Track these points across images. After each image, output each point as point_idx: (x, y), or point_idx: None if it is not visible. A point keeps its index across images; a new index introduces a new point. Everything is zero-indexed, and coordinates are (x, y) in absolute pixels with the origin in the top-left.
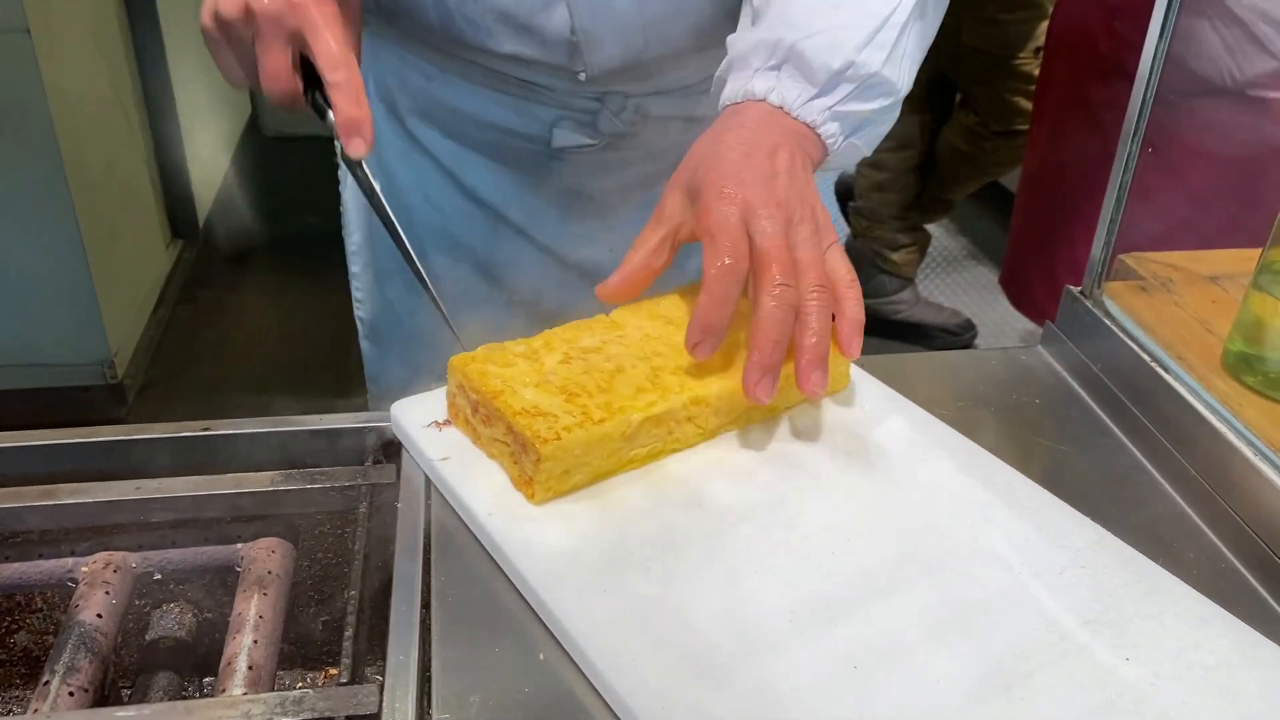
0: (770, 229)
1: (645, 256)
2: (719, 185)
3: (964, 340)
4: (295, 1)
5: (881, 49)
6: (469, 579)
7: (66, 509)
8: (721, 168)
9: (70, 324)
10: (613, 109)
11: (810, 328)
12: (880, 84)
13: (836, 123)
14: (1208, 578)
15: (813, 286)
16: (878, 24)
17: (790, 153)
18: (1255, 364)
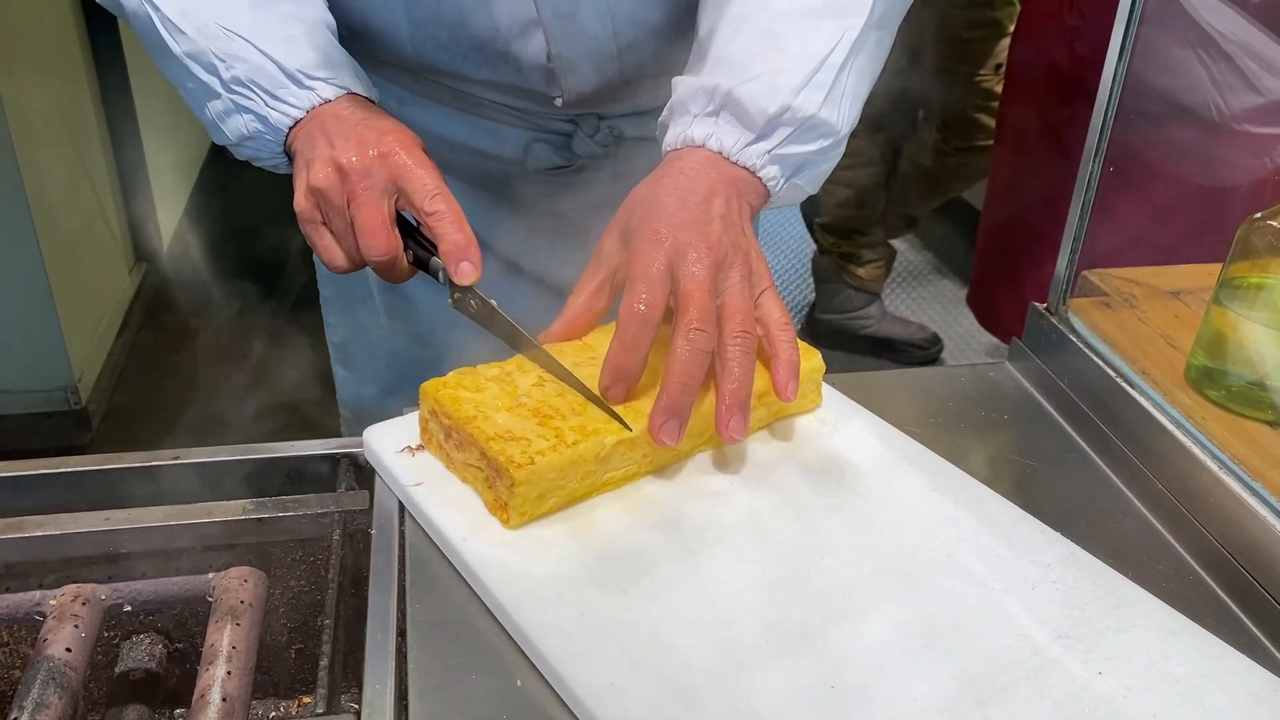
0: (697, 272)
1: (585, 300)
2: (651, 229)
3: (930, 354)
4: (385, 151)
5: (819, 90)
6: (445, 605)
7: (34, 541)
8: (656, 212)
9: (32, 349)
10: (587, 131)
11: (731, 373)
12: (818, 125)
13: (776, 165)
14: (1176, 590)
15: (736, 332)
16: (814, 66)
17: (726, 199)
18: (1218, 378)
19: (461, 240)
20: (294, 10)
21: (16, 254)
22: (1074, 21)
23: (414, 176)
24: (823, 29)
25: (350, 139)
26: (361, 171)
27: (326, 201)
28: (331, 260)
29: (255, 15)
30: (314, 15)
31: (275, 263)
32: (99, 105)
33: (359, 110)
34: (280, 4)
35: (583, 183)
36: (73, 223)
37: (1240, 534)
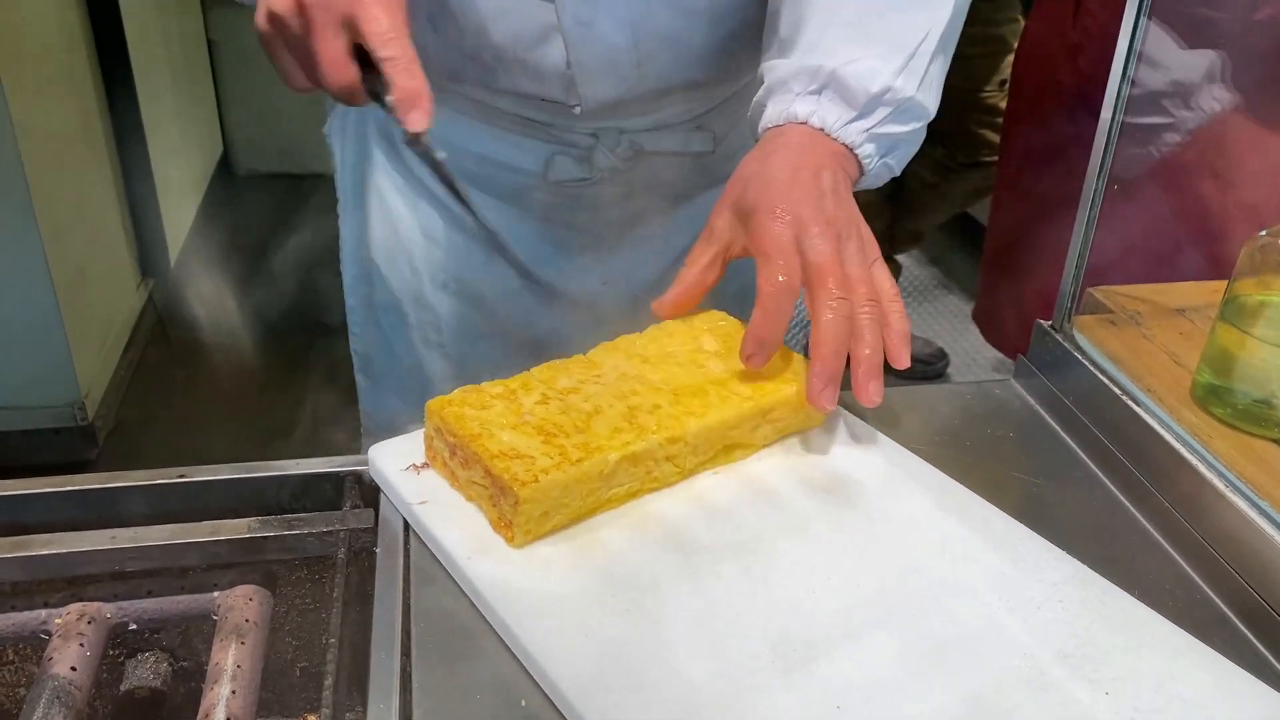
0: (822, 246)
1: (698, 273)
2: (770, 205)
3: (937, 370)
4: None
5: (914, 75)
6: (450, 625)
7: (40, 560)
8: (771, 188)
9: (40, 365)
10: (608, 144)
11: (864, 340)
12: (914, 108)
13: (873, 144)
14: (1183, 609)
15: (864, 300)
16: (910, 52)
17: (833, 173)
18: (1224, 396)
19: (412, 88)
20: None
21: (24, 270)
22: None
23: (370, 16)
24: (913, 20)
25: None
26: (320, 5)
27: (285, 28)
28: (291, 82)
29: None
30: None
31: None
32: (107, 123)
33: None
34: None
35: (604, 196)
36: (80, 240)
37: (1248, 553)
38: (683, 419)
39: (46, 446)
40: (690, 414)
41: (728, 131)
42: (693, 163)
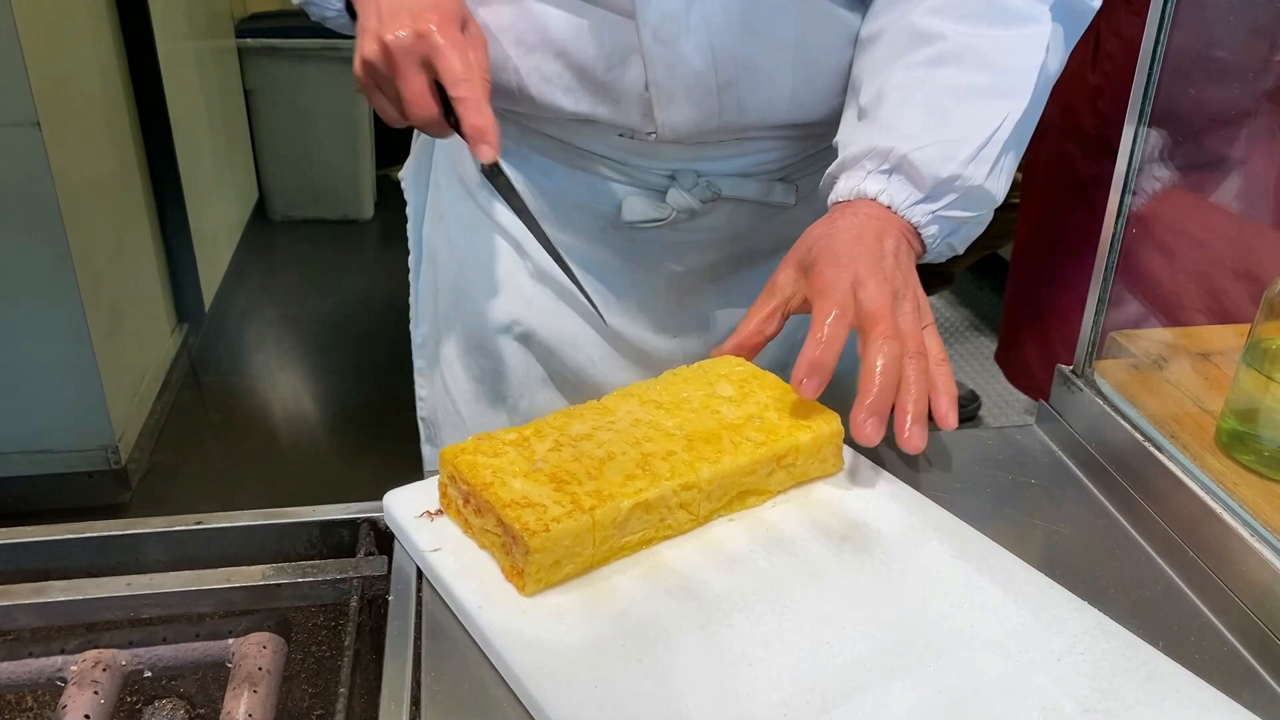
0: (878, 295)
1: (758, 323)
2: (833, 257)
3: (969, 412)
4: (421, 30)
5: (985, 163)
6: (460, 674)
7: (57, 606)
8: (834, 245)
9: (74, 409)
10: (684, 184)
11: (910, 389)
12: (982, 195)
13: (937, 225)
14: (1208, 662)
15: (913, 353)
16: (983, 141)
17: (896, 241)
18: (1249, 442)
19: (480, 124)
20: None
21: (61, 315)
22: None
23: (444, 59)
24: (990, 108)
25: (396, 14)
26: (402, 49)
27: (375, 72)
28: (386, 118)
29: None
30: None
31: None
32: (145, 171)
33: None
34: None
35: (678, 243)
36: (116, 285)
37: (1275, 604)
38: (696, 465)
39: (80, 490)
40: (704, 460)
41: (812, 190)
42: (773, 218)
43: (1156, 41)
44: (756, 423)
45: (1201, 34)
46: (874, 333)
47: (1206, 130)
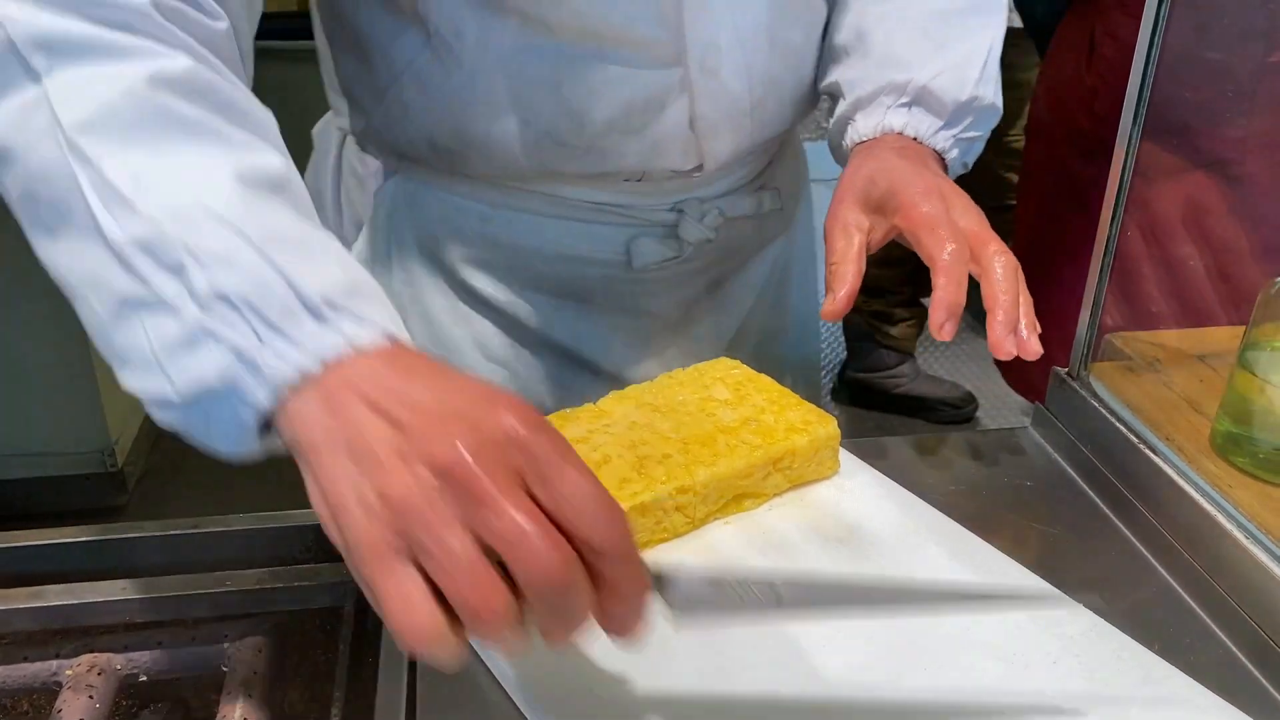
0: (976, 216)
1: (855, 265)
2: (912, 187)
3: (965, 414)
4: (509, 431)
5: (991, 81)
6: (456, 678)
7: (53, 610)
8: (903, 174)
9: (71, 412)
10: (694, 215)
11: (1028, 301)
12: (992, 112)
13: (957, 149)
14: (1204, 664)
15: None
16: (984, 58)
17: (935, 164)
18: (1244, 444)
19: (635, 615)
20: (292, 203)
21: (56, 318)
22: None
23: (561, 472)
24: (975, 26)
25: (439, 414)
26: (491, 459)
27: (417, 520)
28: (414, 620)
29: (249, 202)
30: (314, 217)
31: None
32: None
33: (416, 365)
34: (280, 192)
35: (684, 274)
36: None
37: (1270, 607)
38: (692, 468)
39: (76, 493)
40: (700, 463)
41: (788, 186)
42: (759, 224)
43: (1150, 44)
44: (752, 426)
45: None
46: (988, 251)
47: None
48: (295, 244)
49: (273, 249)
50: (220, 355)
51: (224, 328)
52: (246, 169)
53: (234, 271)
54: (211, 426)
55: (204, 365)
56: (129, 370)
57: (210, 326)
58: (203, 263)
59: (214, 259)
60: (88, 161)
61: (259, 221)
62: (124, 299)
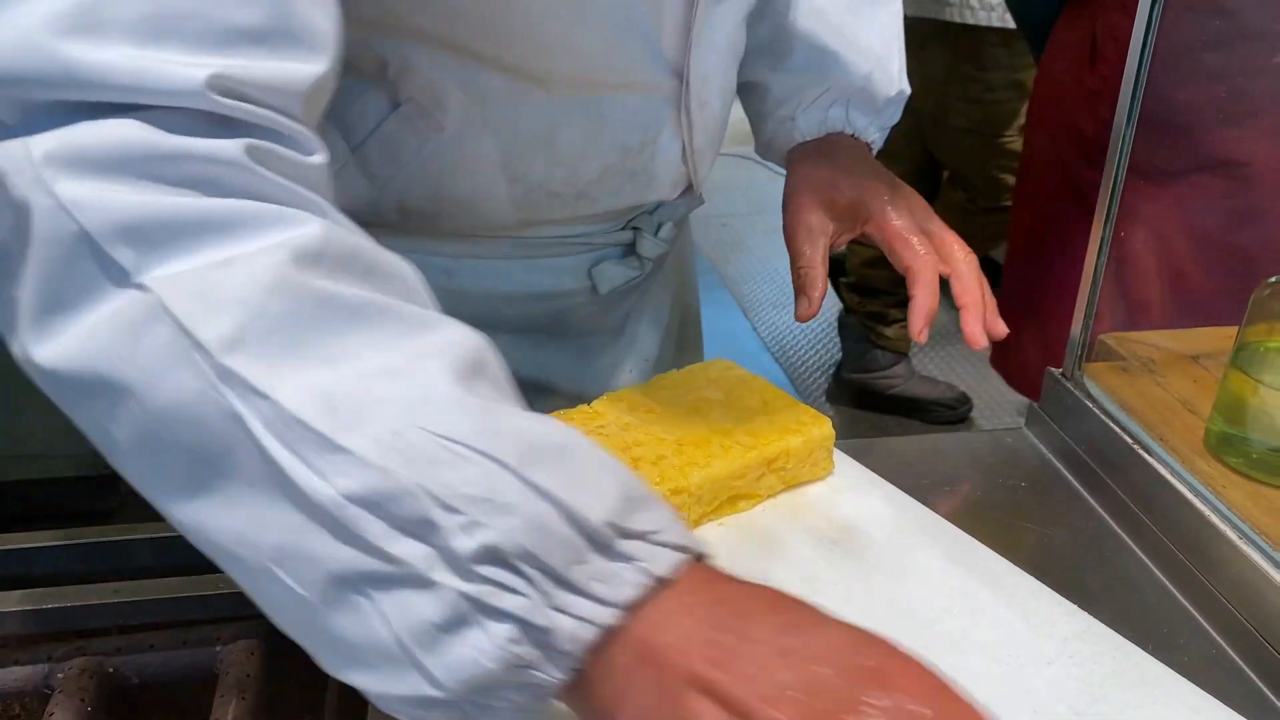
0: (933, 216)
1: (823, 269)
2: (881, 198)
3: (960, 414)
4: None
5: (904, 71)
6: None
7: (45, 613)
8: (869, 184)
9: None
10: (649, 229)
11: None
12: (904, 99)
13: (881, 134)
14: (1198, 664)
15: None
16: (898, 48)
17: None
18: (1237, 444)
19: None
20: (505, 384)
21: None
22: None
23: None
24: (881, 16)
25: (803, 691)
26: None
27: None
28: None
29: (475, 406)
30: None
31: None
32: None
33: (733, 596)
34: (486, 373)
35: (645, 288)
36: None
37: (1264, 607)
38: (686, 470)
39: (67, 495)
40: (694, 464)
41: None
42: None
43: (1144, 44)
44: (746, 427)
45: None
46: (953, 253)
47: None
48: (553, 454)
49: (535, 470)
50: (498, 632)
51: (498, 595)
52: (452, 359)
53: (501, 515)
54: (489, 714)
55: (478, 648)
56: (360, 668)
57: (480, 596)
58: (458, 511)
59: (471, 503)
60: (253, 392)
61: (500, 432)
62: (341, 575)
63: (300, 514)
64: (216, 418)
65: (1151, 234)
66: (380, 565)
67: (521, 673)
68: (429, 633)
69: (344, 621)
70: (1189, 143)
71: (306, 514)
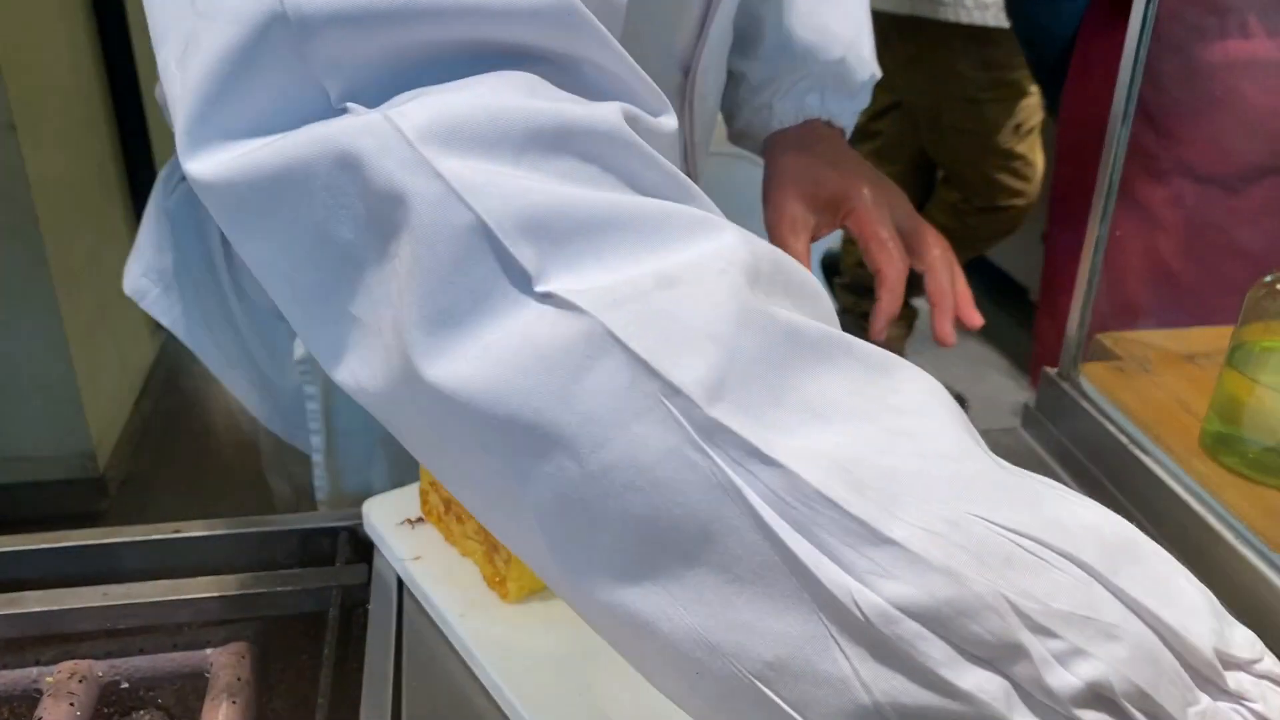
0: (912, 210)
1: (806, 262)
2: (860, 194)
3: None
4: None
5: (874, 53)
6: (442, 684)
7: (33, 617)
8: (851, 177)
9: (51, 415)
10: None
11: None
12: (875, 81)
13: (853, 119)
14: None
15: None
16: (867, 31)
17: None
18: (1233, 444)
19: None
20: None
21: (38, 320)
22: None
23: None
24: (849, 1)
25: None
26: None
27: None
28: None
29: (1036, 500)
30: None
31: None
32: (121, 171)
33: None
34: (980, 443)
35: None
36: (94, 288)
37: (1260, 606)
38: None
39: (57, 498)
40: None
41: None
42: None
43: (1139, 43)
44: None
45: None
46: (929, 250)
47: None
48: (1126, 552)
49: (1123, 577)
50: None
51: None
52: (948, 411)
53: (1107, 642)
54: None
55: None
56: None
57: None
58: (1054, 635)
59: (1068, 624)
60: (753, 455)
61: (1063, 524)
62: (873, 709)
63: (819, 623)
64: (695, 486)
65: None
66: (938, 700)
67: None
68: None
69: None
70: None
71: (829, 623)
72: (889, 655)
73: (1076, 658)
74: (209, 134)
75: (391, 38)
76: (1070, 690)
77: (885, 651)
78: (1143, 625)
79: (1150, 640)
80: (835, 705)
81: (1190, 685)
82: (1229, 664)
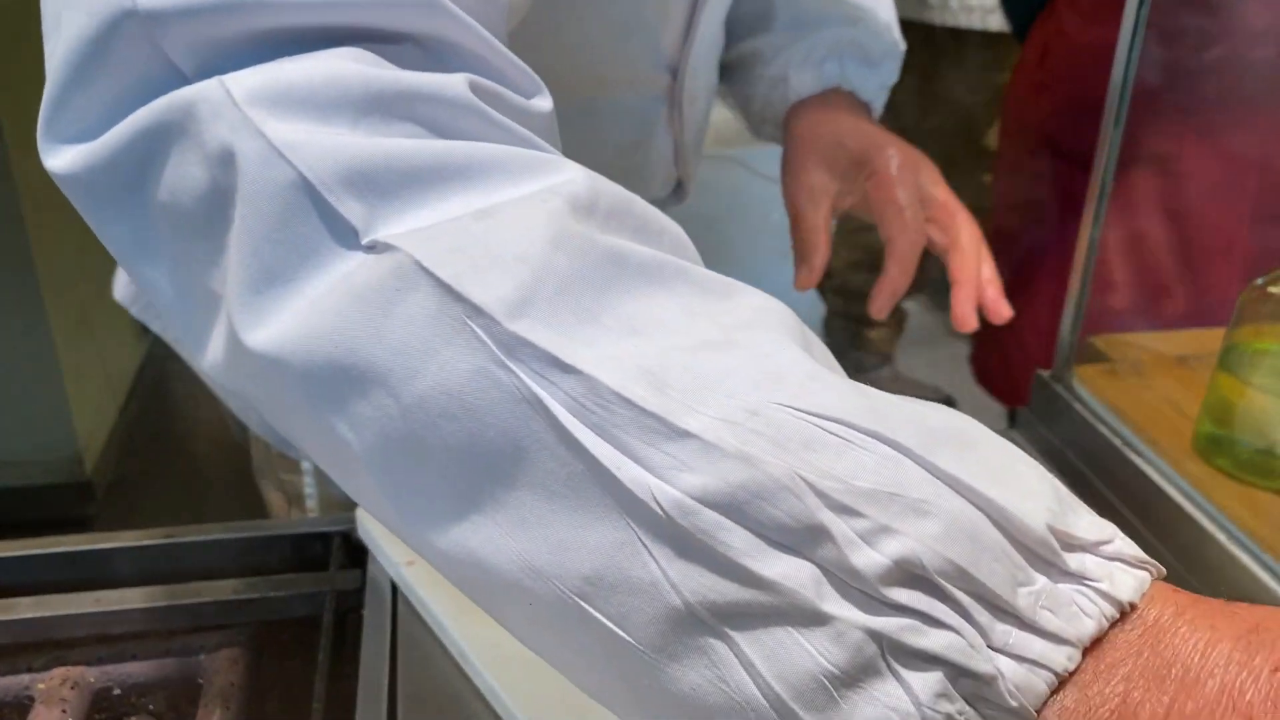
0: (941, 182)
1: (826, 234)
2: (885, 155)
3: None
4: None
5: (896, 24)
6: (437, 688)
7: (23, 623)
8: (873, 139)
9: (37, 418)
10: None
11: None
12: (900, 57)
13: (880, 98)
14: None
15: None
16: (890, 4)
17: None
18: (1225, 446)
19: None
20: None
21: (24, 323)
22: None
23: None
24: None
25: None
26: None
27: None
28: None
29: (835, 388)
30: None
31: None
32: None
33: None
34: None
35: None
36: (82, 289)
37: None
38: None
39: (43, 502)
40: None
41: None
42: None
43: (1131, 45)
44: None
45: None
46: (955, 223)
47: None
48: (956, 440)
49: (943, 458)
50: (921, 684)
51: (919, 630)
52: (779, 328)
53: (917, 518)
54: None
55: (892, 708)
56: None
57: (894, 633)
58: (857, 513)
59: (873, 501)
60: (554, 364)
61: (883, 412)
62: (685, 610)
63: (625, 527)
64: (501, 404)
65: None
66: (746, 593)
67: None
68: (819, 690)
69: (689, 677)
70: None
71: (635, 526)
72: (692, 550)
73: (882, 535)
74: (63, 129)
75: (246, 24)
76: (877, 569)
77: (688, 546)
78: (962, 501)
79: (969, 515)
80: (650, 613)
81: (1022, 564)
82: (1071, 545)
